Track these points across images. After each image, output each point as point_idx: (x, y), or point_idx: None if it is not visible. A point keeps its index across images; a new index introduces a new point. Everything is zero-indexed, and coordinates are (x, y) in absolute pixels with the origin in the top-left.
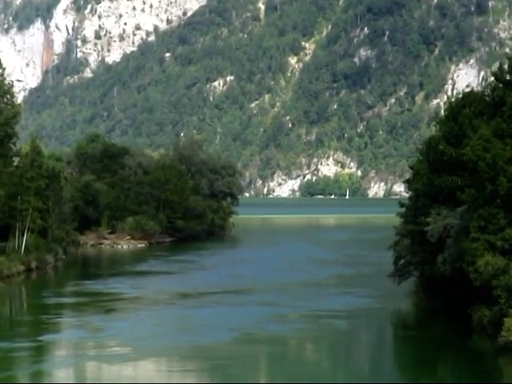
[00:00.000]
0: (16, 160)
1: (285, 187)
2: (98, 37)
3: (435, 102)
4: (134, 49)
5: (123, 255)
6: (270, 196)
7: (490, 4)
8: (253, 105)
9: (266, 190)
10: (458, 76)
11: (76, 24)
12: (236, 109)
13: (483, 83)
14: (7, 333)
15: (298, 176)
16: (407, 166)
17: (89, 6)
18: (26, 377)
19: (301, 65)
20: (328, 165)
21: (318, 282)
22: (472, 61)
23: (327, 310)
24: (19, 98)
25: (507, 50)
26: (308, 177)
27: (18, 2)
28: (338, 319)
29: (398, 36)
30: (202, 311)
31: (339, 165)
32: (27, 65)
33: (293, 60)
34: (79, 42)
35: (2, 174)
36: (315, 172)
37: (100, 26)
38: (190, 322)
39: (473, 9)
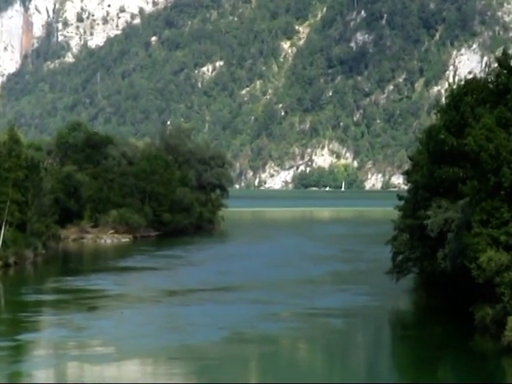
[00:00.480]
0: None
1: (277, 179)
2: (80, 19)
3: (436, 89)
4: (119, 32)
5: (106, 250)
6: (262, 188)
7: None
8: (243, 92)
9: (257, 181)
10: (459, 62)
11: (57, 6)
12: (226, 96)
13: (486, 69)
14: None
15: (291, 167)
16: (406, 157)
17: None
18: (4, 378)
19: (294, 49)
20: (323, 155)
21: (313, 279)
22: (474, 46)
23: (322, 309)
24: None
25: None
26: (301, 168)
27: None
28: (333, 318)
29: (397, 19)
30: (189, 309)
31: (334, 155)
32: (5, 49)
33: (286, 44)
34: (60, 25)
35: None
36: (309, 163)
37: (82, 8)
38: (177, 321)
39: None
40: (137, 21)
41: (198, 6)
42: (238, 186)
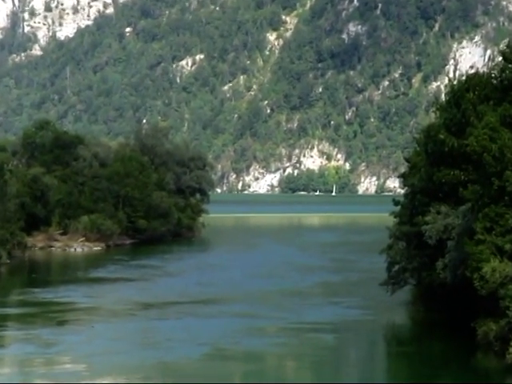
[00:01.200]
0: None
1: (262, 182)
2: (48, 9)
3: (435, 84)
4: (90, 23)
5: (76, 259)
6: (246, 192)
7: None
8: (226, 87)
9: (240, 185)
10: (460, 55)
11: None
12: (206, 92)
13: (490, 63)
14: None
15: (278, 169)
16: (402, 159)
17: None
18: None
19: (281, 42)
20: (312, 157)
21: (301, 291)
22: (477, 38)
23: (311, 323)
24: None
25: None
26: (289, 170)
27: None
28: (322, 333)
29: (393, 9)
30: (167, 323)
31: (324, 157)
32: None
33: (272, 36)
34: (26, 15)
35: None
36: (297, 165)
37: None
38: (154, 336)
39: None
40: (110, 10)
41: None
42: (219, 190)
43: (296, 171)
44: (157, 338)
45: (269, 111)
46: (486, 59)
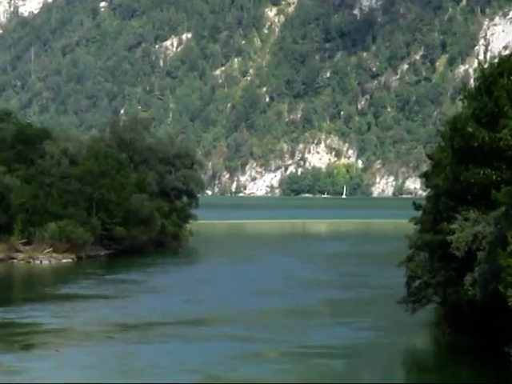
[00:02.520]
0: None
1: (260, 183)
2: None
3: (462, 68)
4: None
5: (43, 273)
6: (241, 194)
7: None
8: (217, 72)
9: (234, 186)
10: (492, 34)
11: None
12: (195, 77)
13: None
14: None
15: (279, 168)
16: (424, 155)
17: None
18: None
19: (282, 18)
20: (318, 153)
21: (305, 310)
22: (511, 14)
23: (317, 347)
24: None
25: None
26: (291, 169)
27: None
28: (331, 358)
29: None
30: (149, 348)
31: (333, 153)
32: None
33: (271, 12)
34: None
35: None
36: (301, 163)
37: None
38: (135, 362)
39: None
40: None
41: None
42: (210, 192)
43: (300, 170)
44: (138, 364)
45: (268, 100)
46: None
